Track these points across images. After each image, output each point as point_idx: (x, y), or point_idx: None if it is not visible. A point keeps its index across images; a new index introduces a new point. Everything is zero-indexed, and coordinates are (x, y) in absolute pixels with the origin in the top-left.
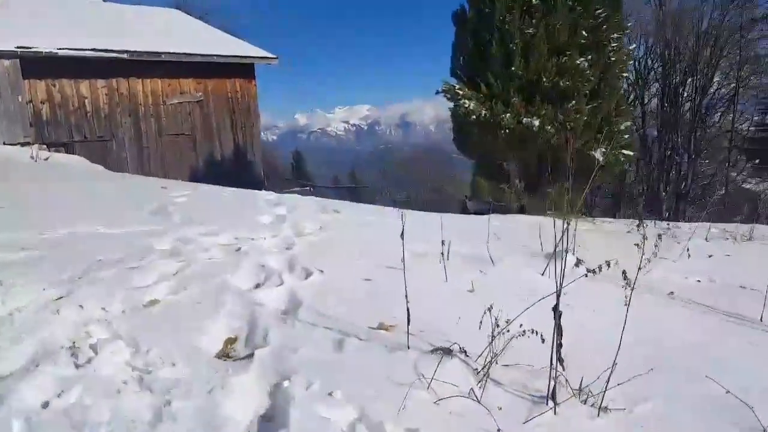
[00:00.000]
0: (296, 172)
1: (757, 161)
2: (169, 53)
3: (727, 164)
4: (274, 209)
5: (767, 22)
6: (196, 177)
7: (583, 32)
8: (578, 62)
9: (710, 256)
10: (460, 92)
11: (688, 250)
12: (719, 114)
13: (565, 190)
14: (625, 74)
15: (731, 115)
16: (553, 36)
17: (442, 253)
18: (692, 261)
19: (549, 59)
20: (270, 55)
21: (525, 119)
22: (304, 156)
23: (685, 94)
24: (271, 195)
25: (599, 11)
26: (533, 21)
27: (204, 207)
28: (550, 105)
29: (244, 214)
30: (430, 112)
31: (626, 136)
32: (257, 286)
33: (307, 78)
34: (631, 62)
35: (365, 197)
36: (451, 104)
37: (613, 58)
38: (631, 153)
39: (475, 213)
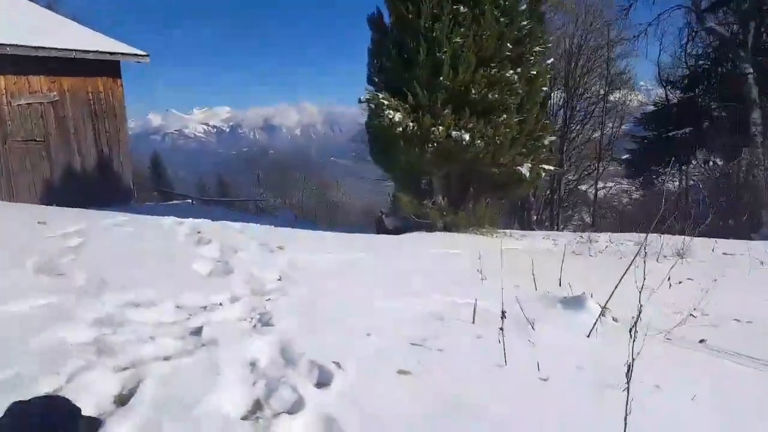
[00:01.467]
0: (156, 178)
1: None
2: (16, 46)
3: (596, 173)
4: (204, 249)
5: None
6: (50, 191)
7: (508, 44)
8: (508, 74)
9: (680, 283)
10: (385, 102)
11: (669, 279)
12: (588, 126)
13: (487, 206)
14: (545, 88)
15: (599, 127)
16: (481, 46)
17: (474, 312)
18: (670, 289)
19: (477, 70)
20: (140, 52)
21: (454, 133)
22: (163, 159)
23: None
24: (182, 223)
25: (524, 24)
26: (461, 30)
27: (112, 254)
28: (477, 118)
29: (172, 261)
30: (294, 116)
31: (548, 152)
32: (258, 408)
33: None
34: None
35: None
36: (368, 114)
37: (534, 72)
38: (552, 167)
39: (395, 230)
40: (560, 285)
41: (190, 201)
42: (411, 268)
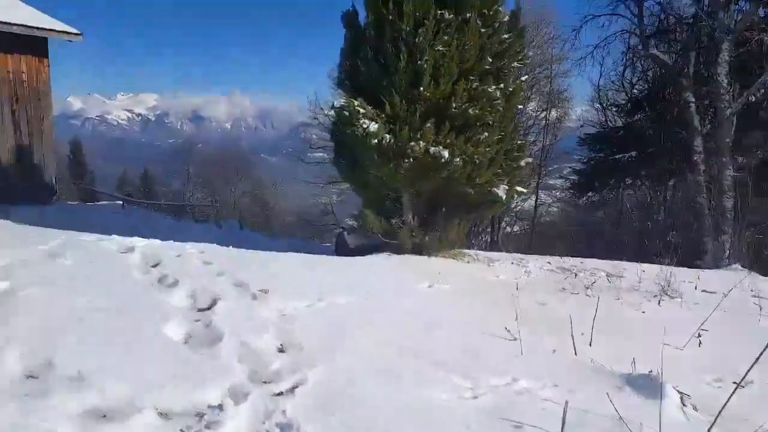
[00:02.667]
0: (75, 167)
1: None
2: None
3: (537, 188)
4: (170, 296)
5: (575, 62)
6: None
7: (488, 57)
8: (490, 89)
9: (699, 336)
10: (361, 110)
11: (699, 336)
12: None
13: (459, 228)
14: (520, 106)
15: (538, 142)
16: (462, 57)
17: (563, 422)
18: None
19: (458, 82)
20: (72, 30)
21: (433, 149)
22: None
23: None
24: (133, 250)
25: (505, 36)
26: (445, 38)
27: (54, 312)
28: (456, 134)
29: (137, 323)
30: (224, 107)
31: (522, 172)
32: None
33: (82, 55)
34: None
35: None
36: (336, 121)
37: (511, 89)
38: (525, 190)
39: (357, 249)
40: (590, 345)
41: (119, 203)
42: (419, 319)
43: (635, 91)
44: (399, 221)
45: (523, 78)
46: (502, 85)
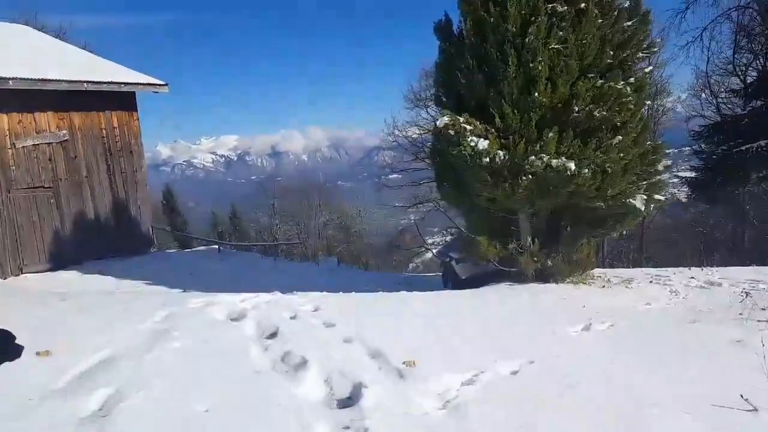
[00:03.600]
0: (169, 212)
1: None
2: (20, 79)
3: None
4: (303, 384)
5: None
6: (60, 246)
7: (610, 50)
8: (619, 86)
9: None
10: (468, 127)
11: None
12: None
13: (588, 248)
14: (648, 102)
15: None
16: (582, 53)
17: None
18: None
19: (577, 82)
20: (157, 81)
21: (555, 161)
22: (175, 193)
23: None
24: (245, 318)
25: (627, 24)
26: (560, 33)
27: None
28: (580, 142)
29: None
30: (300, 141)
31: (664, 178)
32: None
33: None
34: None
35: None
36: (436, 142)
37: (637, 82)
38: (664, 198)
39: (471, 280)
40: None
41: (215, 247)
42: (618, 393)
43: (750, 76)
44: (516, 246)
45: (647, 69)
46: (632, 80)
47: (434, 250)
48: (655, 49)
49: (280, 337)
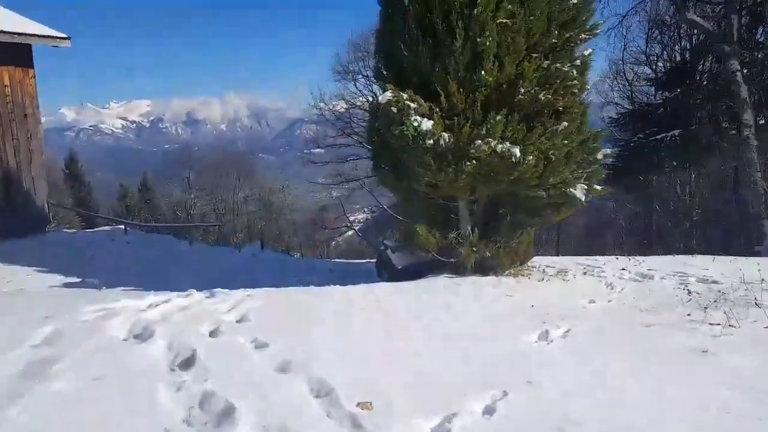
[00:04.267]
0: (71, 181)
1: None
2: None
3: None
4: None
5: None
6: None
7: (554, 29)
8: (565, 68)
9: None
10: (412, 105)
11: None
12: None
13: (527, 238)
14: (587, 88)
15: None
16: (529, 30)
17: None
18: None
19: (525, 61)
20: (58, 34)
21: (500, 146)
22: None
23: None
24: (153, 337)
25: (574, 2)
26: (509, 7)
27: None
28: (525, 126)
29: None
30: (218, 109)
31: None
32: None
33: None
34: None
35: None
36: (374, 119)
37: (582, 66)
38: (604, 188)
39: (407, 271)
40: None
41: (121, 227)
42: None
43: (660, 65)
44: (455, 235)
45: (586, 52)
46: (578, 62)
47: (357, 229)
48: (598, 31)
49: (198, 366)
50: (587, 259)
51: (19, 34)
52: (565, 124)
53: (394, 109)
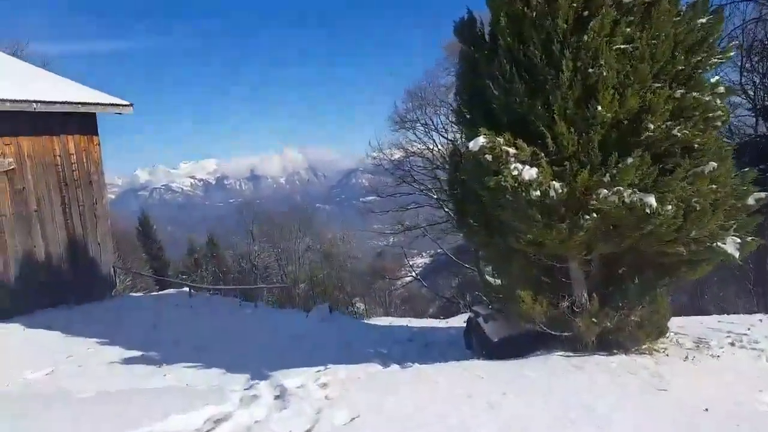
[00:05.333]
0: (144, 239)
1: None
2: None
3: None
4: None
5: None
6: (4, 293)
7: (681, 53)
8: (706, 98)
9: None
10: (510, 150)
11: None
12: None
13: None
14: (723, 121)
15: None
16: (653, 55)
17: None
18: None
19: (650, 92)
20: (121, 102)
21: (631, 195)
22: (151, 216)
23: None
24: None
25: (702, 21)
26: (627, 30)
27: None
28: (658, 170)
29: None
30: (278, 163)
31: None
32: None
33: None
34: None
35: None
36: (463, 166)
37: (708, 98)
38: (762, 241)
39: (505, 344)
40: None
41: (186, 289)
42: None
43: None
44: (568, 303)
45: (713, 80)
46: (722, 89)
47: (418, 276)
48: (731, 54)
49: None
50: (719, 320)
51: (83, 103)
52: (714, 164)
53: (489, 157)
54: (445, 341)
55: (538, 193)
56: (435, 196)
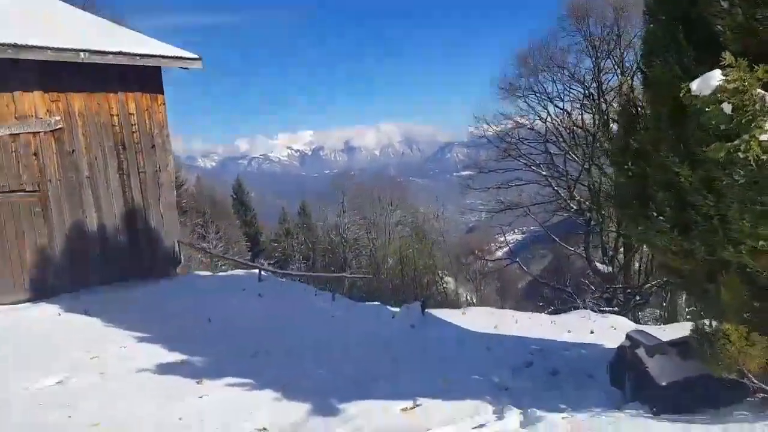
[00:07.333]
0: (238, 206)
1: None
2: None
3: None
4: None
5: None
6: (47, 268)
7: None
8: None
9: None
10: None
11: None
12: None
13: None
14: None
15: None
16: None
17: None
18: None
19: None
20: (188, 55)
21: None
22: (248, 184)
23: None
24: None
25: None
26: None
27: None
28: None
29: None
30: (373, 136)
31: None
32: None
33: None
34: None
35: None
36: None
37: None
38: None
39: (678, 391)
40: None
41: (257, 271)
42: None
43: None
44: None
45: None
46: None
47: (513, 256)
48: None
49: None
50: None
51: (142, 55)
52: None
53: (728, 107)
54: (578, 368)
55: None
56: (544, 173)
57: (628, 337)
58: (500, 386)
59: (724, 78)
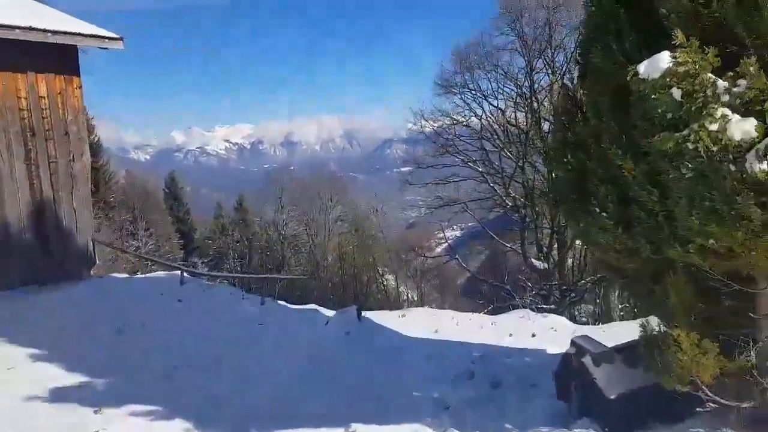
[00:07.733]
0: (171, 201)
1: None
2: None
3: None
4: None
5: None
6: None
7: None
8: None
9: None
10: (719, 82)
11: None
12: None
13: None
14: None
15: None
16: None
17: None
18: None
19: None
20: (108, 34)
21: None
22: (183, 178)
23: None
24: None
25: None
26: None
27: None
28: None
29: None
30: (313, 130)
31: None
32: None
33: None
34: None
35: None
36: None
37: None
38: None
39: (625, 405)
40: None
41: (178, 273)
42: None
43: None
44: (753, 354)
45: None
46: None
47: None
48: None
49: None
50: None
51: (54, 32)
52: None
53: (678, 93)
54: (522, 378)
55: (764, 166)
56: (480, 169)
57: (573, 343)
58: (441, 403)
59: (674, 60)
